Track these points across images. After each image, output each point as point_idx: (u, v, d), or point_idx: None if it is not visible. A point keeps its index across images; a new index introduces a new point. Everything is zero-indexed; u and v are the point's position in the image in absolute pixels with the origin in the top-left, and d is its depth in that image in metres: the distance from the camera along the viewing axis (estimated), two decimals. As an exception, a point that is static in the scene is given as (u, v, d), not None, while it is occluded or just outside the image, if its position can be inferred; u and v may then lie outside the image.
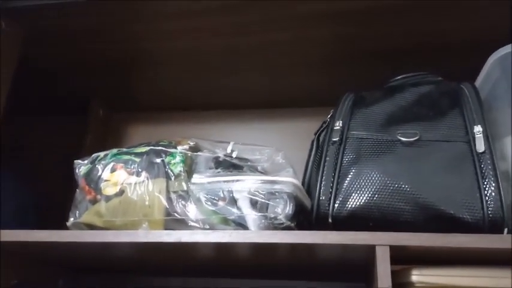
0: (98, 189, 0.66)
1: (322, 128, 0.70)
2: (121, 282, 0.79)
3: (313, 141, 0.72)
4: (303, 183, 0.70)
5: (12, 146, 0.94)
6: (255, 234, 0.56)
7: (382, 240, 0.52)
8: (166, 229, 0.61)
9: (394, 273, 0.54)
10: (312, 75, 0.89)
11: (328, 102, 0.73)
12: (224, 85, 0.95)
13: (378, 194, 0.56)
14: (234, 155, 0.68)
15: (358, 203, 0.57)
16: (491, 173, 0.54)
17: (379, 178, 0.57)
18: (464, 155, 0.57)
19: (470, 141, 0.58)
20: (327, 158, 0.61)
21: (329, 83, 0.90)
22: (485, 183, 0.54)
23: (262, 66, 0.88)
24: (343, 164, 0.60)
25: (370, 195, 0.57)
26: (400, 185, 0.56)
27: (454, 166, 0.56)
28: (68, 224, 0.67)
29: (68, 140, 1.01)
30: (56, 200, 0.82)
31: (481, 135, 0.57)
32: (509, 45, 0.62)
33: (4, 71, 0.74)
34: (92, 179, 0.67)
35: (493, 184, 0.54)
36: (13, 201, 0.84)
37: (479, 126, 0.58)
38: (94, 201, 0.67)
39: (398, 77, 0.70)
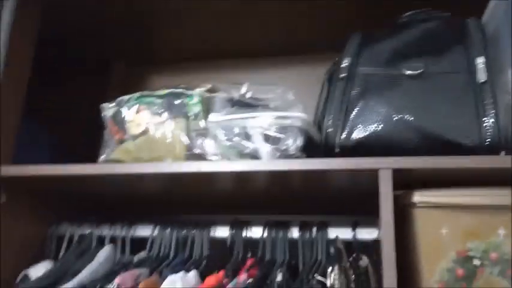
0: (124, 129, 0.72)
1: (332, 68, 0.73)
2: (146, 218, 0.84)
3: (324, 81, 0.75)
4: (314, 121, 0.74)
5: (39, 102, 1.00)
6: (268, 162, 0.61)
7: (385, 164, 0.55)
8: (187, 163, 0.67)
9: (397, 197, 0.57)
10: (329, 20, 0.90)
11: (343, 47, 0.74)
12: (239, 32, 0.97)
13: (383, 125, 0.60)
14: (248, 95, 0.72)
15: (363, 134, 0.60)
16: (490, 101, 0.57)
17: (384, 110, 0.60)
18: (466, 85, 0.59)
19: (473, 72, 0.60)
20: (335, 93, 0.64)
21: (345, 26, 0.90)
22: (485, 110, 0.57)
23: (278, 12, 0.89)
24: (350, 99, 0.63)
25: (375, 126, 0.60)
26: (404, 116, 0.59)
27: (456, 96, 0.59)
28: (100, 161, 0.74)
29: (91, 96, 1.07)
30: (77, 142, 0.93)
31: (483, 66, 0.59)
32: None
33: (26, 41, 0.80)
34: (119, 121, 0.73)
35: (491, 112, 0.56)
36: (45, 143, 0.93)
37: (482, 57, 0.60)
38: (121, 141, 0.73)
39: (407, 14, 0.71)
